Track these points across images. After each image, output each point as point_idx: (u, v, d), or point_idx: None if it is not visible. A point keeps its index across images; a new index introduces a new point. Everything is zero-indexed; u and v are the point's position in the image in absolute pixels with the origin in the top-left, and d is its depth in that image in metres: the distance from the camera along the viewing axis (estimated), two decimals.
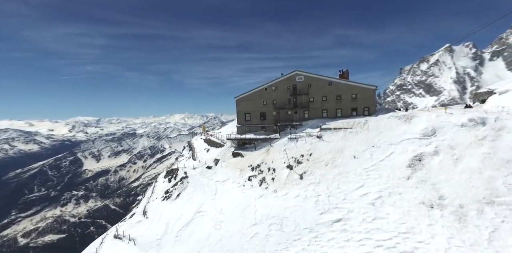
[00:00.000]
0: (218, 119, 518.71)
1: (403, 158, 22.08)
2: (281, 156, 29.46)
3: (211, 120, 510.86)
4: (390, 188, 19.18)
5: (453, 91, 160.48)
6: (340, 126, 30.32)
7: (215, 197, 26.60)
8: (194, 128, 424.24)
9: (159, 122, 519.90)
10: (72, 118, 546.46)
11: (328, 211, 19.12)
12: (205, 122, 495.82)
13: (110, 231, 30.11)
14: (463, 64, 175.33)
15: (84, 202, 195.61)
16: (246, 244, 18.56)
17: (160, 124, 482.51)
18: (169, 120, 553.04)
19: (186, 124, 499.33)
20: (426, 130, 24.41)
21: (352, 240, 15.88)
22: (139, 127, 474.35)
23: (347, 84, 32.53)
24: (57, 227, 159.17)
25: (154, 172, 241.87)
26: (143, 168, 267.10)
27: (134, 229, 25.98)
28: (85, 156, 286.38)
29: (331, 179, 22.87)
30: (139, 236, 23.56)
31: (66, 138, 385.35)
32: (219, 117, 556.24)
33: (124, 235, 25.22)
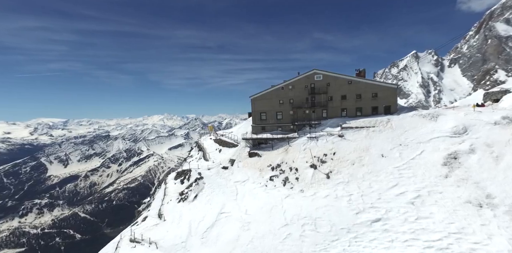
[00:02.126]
0: (199, 121, 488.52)
1: (436, 156, 21.35)
2: (302, 156, 28.70)
3: (192, 122, 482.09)
4: (429, 187, 18.38)
5: (420, 94, 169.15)
6: (361, 125, 29.68)
7: (236, 197, 25.70)
8: (174, 129, 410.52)
9: (136, 124, 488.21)
10: (34, 120, 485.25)
11: (364, 210, 18.27)
12: (185, 124, 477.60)
13: (123, 235, 28.98)
14: (427, 69, 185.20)
15: (49, 211, 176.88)
16: (280, 245, 17.63)
17: (136, 126, 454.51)
18: (146, 122, 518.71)
19: (165, 125, 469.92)
20: (457, 128, 23.76)
21: (397, 241, 15.01)
22: (113, 129, 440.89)
23: (367, 83, 32.07)
24: (14, 241, 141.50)
25: (130, 176, 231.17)
26: (118, 172, 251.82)
27: (152, 232, 24.94)
28: (50, 161, 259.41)
29: (361, 178, 22.07)
30: (160, 239, 22.54)
31: (27, 141, 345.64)
32: (200, 119, 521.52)
33: (143, 239, 24.17)
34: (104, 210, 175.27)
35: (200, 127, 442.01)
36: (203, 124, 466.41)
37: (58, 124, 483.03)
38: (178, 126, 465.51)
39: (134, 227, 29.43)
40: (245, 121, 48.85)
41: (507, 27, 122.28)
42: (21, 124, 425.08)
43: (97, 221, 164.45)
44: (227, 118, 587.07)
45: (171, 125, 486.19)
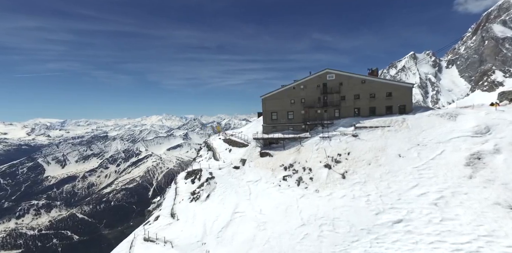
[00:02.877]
0: (198, 121, 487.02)
1: (458, 156, 20.65)
2: (315, 156, 28.36)
3: (190, 122, 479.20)
4: (452, 188, 17.76)
5: (418, 95, 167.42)
6: (376, 125, 29.11)
7: (250, 197, 25.56)
8: (173, 130, 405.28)
9: (134, 124, 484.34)
10: (31, 120, 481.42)
11: (384, 211, 17.80)
12: (184, 124, 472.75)
13: (137, 234, 29.21)
14: (425, 70, 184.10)
15: (46, 212, 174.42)
16: (297, 245, 17.35)
17: (135, 126, 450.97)
18: (145, 122, 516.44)
19: (163, 126, 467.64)
20: (479, 128, 22.95)
21: (421, 243, 14.51)
22: (111, 130, 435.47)
23: (381, 82, 31.51)
24: (11, 242, 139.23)
25: (129, 176, 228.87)
26: (116, 173, 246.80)
27: (166, 232, 25.05)
28: (47, 161, 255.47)
29: (378, 178, 21.57)
30: (175, 238, 22.59)
31: (24, 142, 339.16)
32: (199, 119, 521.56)
33: (157, 238, 24.30)
34: (102, 211, 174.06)
35: (199, 128, 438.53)
36: (202, 125, 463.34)
37: (56, 125, 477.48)
38: (176, 127, 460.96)
39: (147, 226, 29.67)
40: (254, 121, 48.82)
41: (503, 28, 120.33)
42: (18, 124, 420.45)
43: (95, 222, 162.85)
44: (226, 118, 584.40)
45: (169, 126, 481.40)
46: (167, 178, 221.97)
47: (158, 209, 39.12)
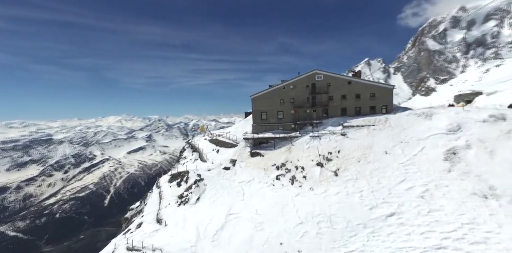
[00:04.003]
0: (163, 122, 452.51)
1: (437, 152, 22.58)
2: (306, 154, 28.85)
3: (154, 123, 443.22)
4: (435, 181, 19.32)
5: None
6: (362, 124, 30.64)
7: (244, 198, 25.01)
8: (134, 131, 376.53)
9: (87, 126, 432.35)
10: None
11: (377, 206, 18.67)
12: (148, 125, 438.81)
13: (117, 244, 26.73)
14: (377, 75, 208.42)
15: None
16: (297, 243, 17.33)
17: (88, 128, 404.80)
18: (100, 123, 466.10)
19: (123, 127, 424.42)
20: (451, 126, 25.39)
21: (414, 233, 15.47)
22: (57, 132, 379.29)
23: (365, 84, 33.28)
24: None
25: (79, 184, 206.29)
26: (63, 181, 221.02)
27: (153, 239, 23.28)
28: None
29: (369, 174, 22.63)
30: (165, 245, 21.08)
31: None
32: (164, 120, 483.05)
33: (144, 246, 22.44)
34: (43, 226, 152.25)
35: (165, 129, 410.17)
36: (167, 126, 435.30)
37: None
38: (139, 128, 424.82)
39: (129, 235, 27.35)
40: (243, 120, 48.18)
41: (434, 42, 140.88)
42: None
43: (32, 240, 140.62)
44: (194, 119, 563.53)
45: (130, 127, 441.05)
46: (128, 184, 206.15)
47: (139, 215, 36.35)
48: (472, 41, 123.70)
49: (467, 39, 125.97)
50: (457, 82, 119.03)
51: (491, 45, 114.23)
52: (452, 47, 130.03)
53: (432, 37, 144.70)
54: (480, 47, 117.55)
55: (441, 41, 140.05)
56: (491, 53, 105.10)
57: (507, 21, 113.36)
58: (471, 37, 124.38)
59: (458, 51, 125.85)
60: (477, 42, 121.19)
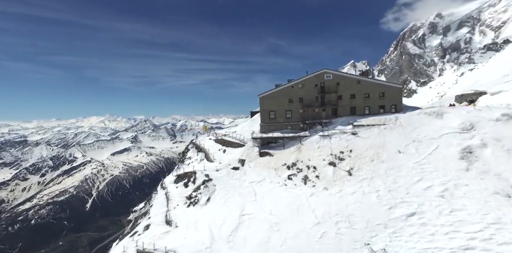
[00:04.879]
0: (149, 122, 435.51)
1: (452, 151, 22.39)
2: (317, 154, 28.53)
3: (140, 124, 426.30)
4: (453, 180, 19.09)
5: None
6: (372, 123, 30.42)
7: (256, 198, 24.58)
8: (118, 132, 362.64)
9: (67, 127, 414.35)
10: None
11: (396, 205, 18.38)
12: (133, 126, 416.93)
13: (126, 247, 26.09)
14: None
15: None
16: (316, 244, 16.95)
17: (67, 129, 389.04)
18: (82, 124, 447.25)
19: (107, 128, 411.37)
20: (464, 125, 25.26)
21: (438, 234, 15.17)
22: (32, 133, 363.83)
23: (375, 83, 33.14)
24: None
25: (58, 188, 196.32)
26: (40, 185, 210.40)
27: (165, 241, 22.73)
28: None
29: (384, 174, 22.36)
30: (178, 247, 20.55)
31: None
32: (150, 120, 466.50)
33: (156, 248, 21.88)
34: (16, 233, 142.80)
35: (151, 130, 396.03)
36: (154, 126, 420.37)
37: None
38: (123, 129, 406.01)
39: (137, 237, 26.77)
40: (249, 120, 47.78)
41: (414, 46, 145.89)
42: None
43: (4, 249, 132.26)
44: (181, 119, 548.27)
45: (114, 128, 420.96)
46: (112, 187, 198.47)
47: (144, 217, 35.73)
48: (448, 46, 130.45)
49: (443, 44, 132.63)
50: (436, 84, 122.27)
51: (464, 50, 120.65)
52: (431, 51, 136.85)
53: (412, 42, 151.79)
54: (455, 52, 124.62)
55: (420, 46, 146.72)
56: (465, 58, 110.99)
57: (478, 28, 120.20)
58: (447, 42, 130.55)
59: (436, 55, 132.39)
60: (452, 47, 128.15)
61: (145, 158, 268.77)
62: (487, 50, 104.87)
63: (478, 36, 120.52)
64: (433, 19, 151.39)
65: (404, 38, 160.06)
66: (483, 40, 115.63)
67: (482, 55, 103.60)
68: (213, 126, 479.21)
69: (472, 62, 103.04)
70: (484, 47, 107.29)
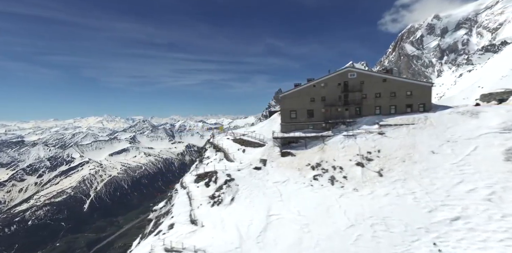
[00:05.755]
0: (148, 123, 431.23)
1: (493, 152, 20.96)
2: (342, 154, 27.76)
3: (139, 124, 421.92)
4: (501, 183, 17.79)
5: None
6: (400, 123, 29.25)
7: (282, 198, 24.20)
8: (117, 133, 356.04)
9: (64, 127, 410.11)
10: None
11: (437, 208, 17.36)
12: (131, 126, 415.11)
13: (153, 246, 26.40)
14: None
15: None
16: (352, 247, 16.31)
17: (65, 129, 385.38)
18: (79, 124, 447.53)
19: (105, 128, 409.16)
20: (506, 124, 23.63)
21: (490, 240, 14.11)
22: (30, 133, 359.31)
23: (402, 81, 31.93)
24: None
25: (55, 188, 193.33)
26: (37, 185, 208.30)
27: (192, 240, 22.84)
28: None
29: (418, 175, 21.29)
30: (207, 246, 20.55)
31: None
32: (149, 121, 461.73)
33: (184, 247, 22.04)
34: (12, 235, 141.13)
35: (150, 130, 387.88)
36: (152, 127, 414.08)
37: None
38: (121, 129, 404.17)
39: (163, 236, 27.13)
40: (267, 120, 47.58)
41: (412, 48, 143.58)
42: None
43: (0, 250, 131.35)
44: (180, 120, 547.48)
45: (112, 128, 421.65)
46: (110, 187, 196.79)
47: (167, 216, 36.27)
48: (446, 48, 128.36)
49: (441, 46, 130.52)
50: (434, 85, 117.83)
51: (462, 51, 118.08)
52: (428, 52, 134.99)
53: (410, 43, 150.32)
54: (452, 53, 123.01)
55: (418, 47, 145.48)
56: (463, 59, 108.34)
57: (475, 30, 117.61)
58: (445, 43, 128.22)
59: (434, 56, 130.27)
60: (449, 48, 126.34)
61: (143, 159, 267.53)
62: (485, 51, 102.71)
63: (476, 37, 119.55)
64: (431, 20, 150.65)
65: (402, 39, 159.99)
66: (481, 41, 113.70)
67: (480, 56, 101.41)
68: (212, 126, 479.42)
69: (470, 63, 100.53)
70: (482, 49, 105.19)
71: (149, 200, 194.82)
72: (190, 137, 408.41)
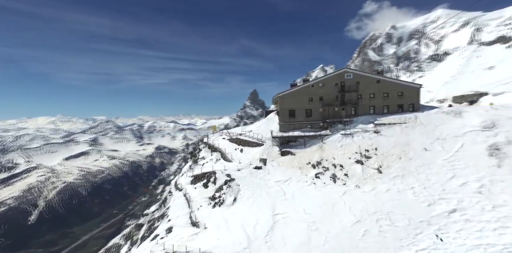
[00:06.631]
0: (112, 123, 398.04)
1: (478, 148, 22.89)
2: (341, 152, 28.63)
3: (101, 125, 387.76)
4: (488, 177, 19.49)
5: None
6: (393, 122, 30.79)
7: (286, 197, 24.39)
8: (74, 134, 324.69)
9: (4, 128, 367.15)
10: None
11: (435, 202, 18.60)
12: (92, 127, 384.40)
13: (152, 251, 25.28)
14: None
15: None
16: (360, 242, 16.93)
17: (5, 131, 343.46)
18: (25, 125, 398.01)
19: (58, 129, 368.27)
20: (486, 123, 25.89)
21: (486, 230, 15.43)
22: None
23: (394, 82, 33.56)
24: None
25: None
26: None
27: (196, 242, 22.20)
28: None
29: (415, 171, 22.62)
30: (214, 248, 20.11)
31: None
32: (113, 121, 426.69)
33: (188, 251, 21.36)
34: None
35: (114, 131, 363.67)
36: (118, 128, 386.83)
37: None
38: (80, 131, 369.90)
39: (161, 241, 26.08)
40: (264, 119, 47.51)
41: (374, 54, 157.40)
42: None
43: None
44: (149, 120, 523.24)
45: (68, 129, 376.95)
46: (64, 195, 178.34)
47: (162, 220, 34.91)
48: (401, 55, 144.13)
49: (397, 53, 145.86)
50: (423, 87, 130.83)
51: (413, 59, 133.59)
52: (387, 59, 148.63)
53: (372, 49, 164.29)
54: (406, 60, 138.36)
55: (379, 53, 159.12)
56: (414, 66, 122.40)
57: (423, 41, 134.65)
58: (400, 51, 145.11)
59: (391, 63, 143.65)
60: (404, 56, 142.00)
61: (106, 162, 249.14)
62: (431, 60, 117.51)
63: (424, 47, 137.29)
64: (389, 30, 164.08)
65: (365, 46, 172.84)
66: (428, 51, 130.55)
67: (428, 64, 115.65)
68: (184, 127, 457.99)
69: (421, 70, 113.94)
70: (429, 58, 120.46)
71: (113, 207, 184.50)
72: (160, 138, 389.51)
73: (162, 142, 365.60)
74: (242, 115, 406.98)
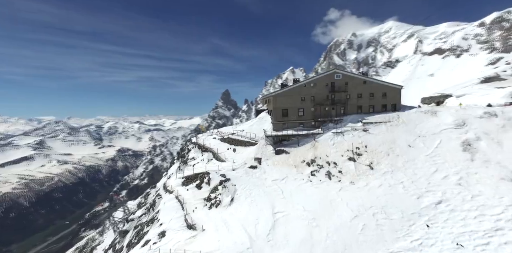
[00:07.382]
0: (63, 125, 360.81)
1: (453, 144, 25.53)
2: (334, 150, 29.78)
3: (49, 126, 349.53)
4: (464, 170, 21.85)
5: None
6: (379, 120, 32.86)
7: (284, 196, 24.66)
8: (13, 137, 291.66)
9: None
10: None
11: (423, 195, 20.33)
12: (37, 129, 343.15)
13: None
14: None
15: None
16: (360, 236, 17.86)
17: None
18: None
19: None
20: (458, 121, 28.96)
21: (468, 218, 17.31)
22: None
23: (379, 83, 35.71)
24: None
25: None
26: None
27: (194, 246, 21.41)
28: None
29: (402, 167, 24.45)
30: (215, 250, 19.56)
31: None
32: (65, 122, 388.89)
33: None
34: None
35: (66, 133, 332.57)
36: (71, 129, 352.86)
37: None
38: (21, 132, 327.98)
39: (154, 246, 24.74)
40: (256, 119, 47.22)
41: (338, 58, 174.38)
42: None
43: None
44: (109, 121, 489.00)
45: (4, 131, 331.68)
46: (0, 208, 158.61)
47: (152, 225, 33.01)
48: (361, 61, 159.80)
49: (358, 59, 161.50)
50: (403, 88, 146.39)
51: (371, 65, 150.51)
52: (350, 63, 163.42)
53: (336, 54, 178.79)
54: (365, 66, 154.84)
55: (342, 58, 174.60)
56: (372, 71, 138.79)
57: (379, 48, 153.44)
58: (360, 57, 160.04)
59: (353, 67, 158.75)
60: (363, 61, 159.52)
61: (56, 168, 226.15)
62: (386, 66, 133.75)
63: (379, 54, 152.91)
64: (350, 37, 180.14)
65: (331, 51, 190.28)
66: (383, 58, 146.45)
67: (384, 70, 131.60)
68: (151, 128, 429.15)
69: (378, 75, 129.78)
70: (384, 64, 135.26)
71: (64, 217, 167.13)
72: (124, 140, 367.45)
73: (126, 144, 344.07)
74: (215, 116, 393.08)
